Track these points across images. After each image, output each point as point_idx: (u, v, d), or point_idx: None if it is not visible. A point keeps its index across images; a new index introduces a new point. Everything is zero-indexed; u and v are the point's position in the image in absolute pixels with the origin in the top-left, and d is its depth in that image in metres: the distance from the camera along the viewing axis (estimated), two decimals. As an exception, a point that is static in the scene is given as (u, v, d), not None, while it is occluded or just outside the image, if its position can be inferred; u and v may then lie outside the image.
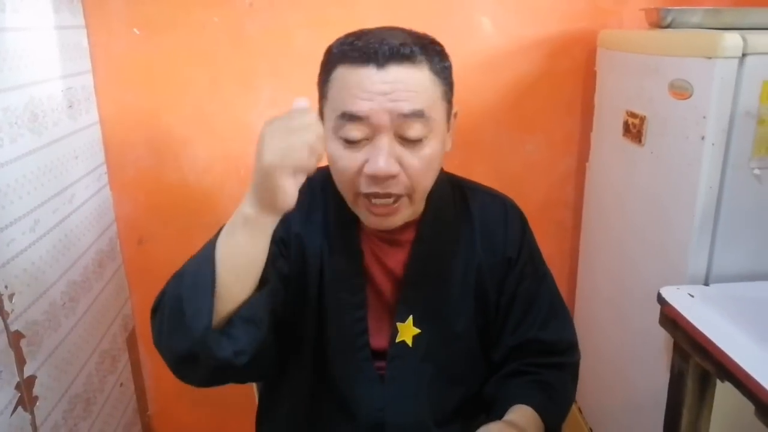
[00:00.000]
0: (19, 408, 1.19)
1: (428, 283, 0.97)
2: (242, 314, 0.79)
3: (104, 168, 1.68)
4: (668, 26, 1.41)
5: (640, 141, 1.41)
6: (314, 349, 0.98)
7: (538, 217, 1.89)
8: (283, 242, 0.95)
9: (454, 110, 0.93)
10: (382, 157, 0.81)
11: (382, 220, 0.89)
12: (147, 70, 1.66)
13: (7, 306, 1.16)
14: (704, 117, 1.19)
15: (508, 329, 1.02)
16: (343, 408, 0.97)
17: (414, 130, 0.82)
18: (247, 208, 0.77)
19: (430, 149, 0.85)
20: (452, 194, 1.02)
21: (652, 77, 1.35)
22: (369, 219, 0.90)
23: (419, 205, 0.95)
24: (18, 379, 1.19)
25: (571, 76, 1.77)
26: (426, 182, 0.89)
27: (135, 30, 1.62)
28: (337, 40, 0.88)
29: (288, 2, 1.65)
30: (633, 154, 1.45)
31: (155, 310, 0.86)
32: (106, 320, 1.63)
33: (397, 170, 0.83)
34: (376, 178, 0.83)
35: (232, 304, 0.78)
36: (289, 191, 0.74)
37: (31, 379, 1.24)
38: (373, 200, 0.86)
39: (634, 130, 1.43)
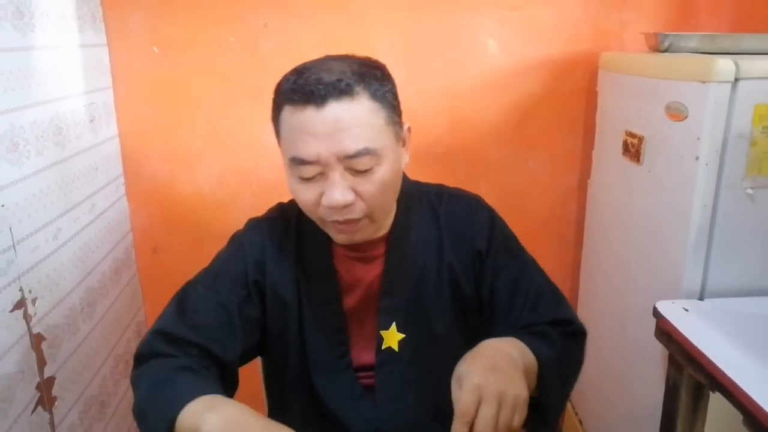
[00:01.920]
0: (39, 407, 1.24)
1: (405, 291, 1.01)
2: None
3: (122, 180, 1.75)
4: (666, 50, 1.46)
5: (638, 160, 1.46)
6: (300, 374, 1.02)
7: (542, 232, 1.96)
8: (257, 285, 0.99)
9: (405, 126, 0.95)
10: (336, 191, 0.85)
11: (350, 236, 0.93)
12: (165, 86, 1.73)
13: (30, 310, 1.22)
14: (698, 138, 1.24)
15: (499, 320, 1.01)
16: (337, 426, 1.00)
17: (362, 164, 0.86)
18: None
19: (381, 174, 0.88)
20: (419, 203, 1.04)
21: (650, 99, 1.40)
22: (338, 236, 0.95)
23: (386, 220, 0.99)
24: (39, 379, 1.25)
25: (573, 96, 1.82)
26: (384, 203, 0.93)
27: (154, 48, 1.70)
28: (284, 76, 0.91)
29: (300, 22, 1.72)
30: (632, 172, 1.50)
31: (135, 367, 0.91)
32: (120, 326, 1.69)
33: (353, 198, 0.87)
34: (333, 209, 0.87)
35: None
36: None
37: (51, 380, 1.29)
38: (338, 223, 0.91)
39: (633, 149, 1.48)
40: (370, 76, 0.87)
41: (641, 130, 1.45)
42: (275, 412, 1.11)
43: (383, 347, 1.01)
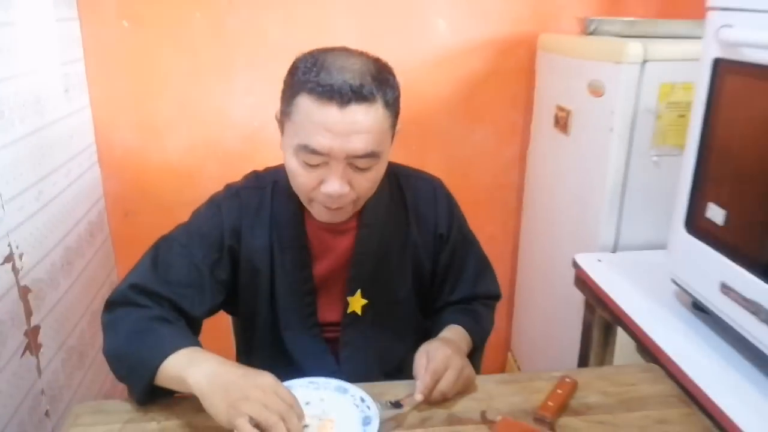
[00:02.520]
0: (27, 352, 1.38)
1: (372, 261, 1.15)
2: None
3: (94, 147, 1.86)
4: (592, 33, 1.64)
5: (566, 132, 1.65)
6: (270, 331, 1.15)
7: (486, 198, 2.15)
8: (230, 249, 1.09)
9: (397, 127, 1.06)
10: (337, 183, 0.97)
11: (333, 216, 1.05)
12: (134, 59, 1.84)
13: (17, 264, 1.34)
14: (612, 112, 1.43)
15: (446, 289, 1.22)
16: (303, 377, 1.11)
17: (364, 164, 0.98)
18: (194, 389, 0.88)
19: (376, 172, 1.01)
20: (388, 183, 1.16)
21: (577, 77, 1.58)
22: (322, 216, 1.06)
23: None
24: (26, 327, 1.38)
25: (515, 74, 2.00)
26: (371, 193, 1.05)
27: (124, 22, 1.80)
28: (301, 60, 0.97)
29: (264, 1, 1.84)
30: (561, 142, 1.69)
31: (107, 312, 1.02)
32: (96, 284, 1.82)
33: (348, 190, 0.99)
34: (330, 196, 0.99)
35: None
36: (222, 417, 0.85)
37: (36, 329, 1.42)
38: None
39: (562, 122, 1.67)
40: (386, 83, 0.96)
41: (569, 104, 1.63)
42: (244, 358, 1.26)
43: (348, 311, 1.15)
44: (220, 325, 1.27)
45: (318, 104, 0.92)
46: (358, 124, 0.92)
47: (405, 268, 1.18)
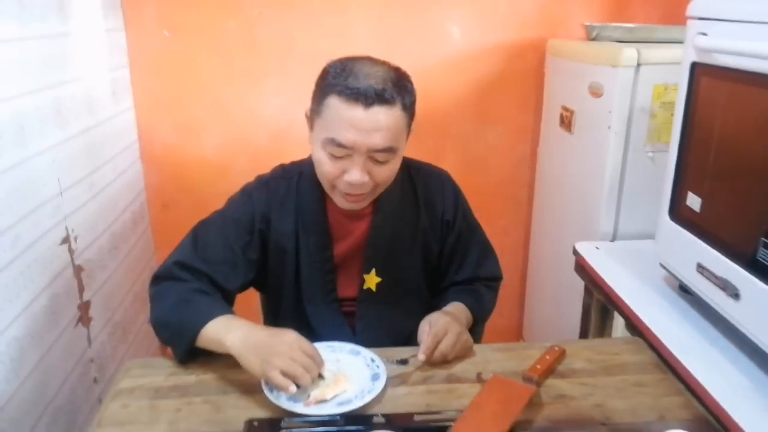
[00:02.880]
0: (79, 324, 1.55)
1: (385, 244, 1.29)
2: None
3: (137, 145, 2.04)
4: (594, 39, 1.76)
5: (570, 130, 1.77)
6: (294, 304, 1.30)
7: (499, 193, 2.27)
8: (260, 232, 1.24)
9: (412, 127, 1.20)
10: (358, 172, 1.11)
11: (353, 204, 1.20)
12: (174, 65, 2.01)
13: (73, 245, 1.52)
14: (610, 112, 1.55)
15: (452, 270, 1.36)
16: None
17: (383, 157, 1.12)
18: (231, 350, 1.04)
19: (393, 165, 1.16)
20: (401, 174, 1.29)
21: (580, 79, 1.71)
22: (342, 203, 1.20)
23: None
24: (79, 301, 1.55)
25: (525, 77, 2.12)
26: (387, 184, 1.20)
27: (165, 32, 1.98)
28: (331, 66, 1.11)
29: (291, 12, 2.00)
30: (566, 140, 1.81)
31: (154, 285, 1.17)
32: (137, 268, 1.99)
33: (368, 180, 1.13)
34: (351, 185, 1.14)
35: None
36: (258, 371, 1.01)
37: (87, 304, 1.60)
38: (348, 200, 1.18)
39: (566, 121, 1.79)
40: (404, 89, 1.10)
41: (572, 105, 1.75)
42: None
43: (364, 287, 1.29)
44: (249, 302, 1.42)
45: (346, 104, 1.06)
46: (379, 123, 1.07)
47: (415, 250, 1.32)
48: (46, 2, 1.43)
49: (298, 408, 0.97)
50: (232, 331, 1.05)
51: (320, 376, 1.03)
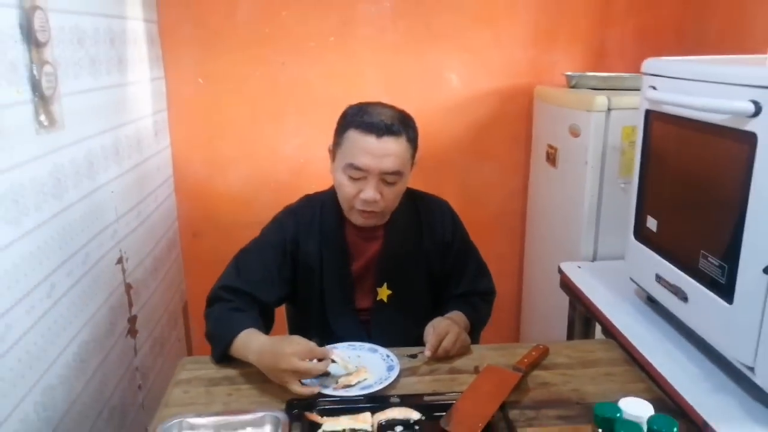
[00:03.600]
0: (129, 335, 1.78)
1: (395, 261, 1.52)
2: None
3: (172, 179, 2.30)
4: (574, 86, 2.03)
5: (555, 165, 2.02)
6: (319, 314, 1.52)
7: (495, 223, 2.52)
8: (291, 253, 1.46)
9: (415, 159, 1.47)
10: (372, 191, 1.36)
11: (367, 221, 1.44)
12: (206, 108, 2.28)
13: (125, 265, 1.76)
14: (587, 149, 1.80)
15: (452, 285, 1.59)
16: None
17: (392, 179, 1.38)
18: (253, 359, 1.25)
19: (399, 187, 1.41)
20: (407, 202, 1.54)
21: (561, 121, 1.97)
22: (359, 220, 1.45)
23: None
24: (128, 315, 1.78)
25: (516, 118, 2.39)
26: (395, 204, 1.45)
27: (199, 80, 2.25)
28: (350, 108, 1.40)
29: (310, 62, 2.27)
30: (551, 174, 2.06)
31: (208, 306, 1.41)
32: (171, 291, 2.23)
33: (379, 198, 1.38)
34: (366, 202, 1.39)
35: None
36: (272, 378, 1.22)
37: (134, 318, 1.83)
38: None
39: (551, 157, 2.05)
40: (409, 126, 1.39)
41: (556, 143, 2.01)
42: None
43: (377, 299, 1.52)
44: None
45: (362, 135, 1.34)
46: (389, 150, 1.34)
47: (420, 267, 1.55)
48: (110, 57, 1.70)
49: (329, 390, 1.20)
50: (250, 346, 1.27)
51: (348, 374, 1.25)
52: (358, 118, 1.35)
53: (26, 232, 1.22)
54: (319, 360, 1.22)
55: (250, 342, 1.28)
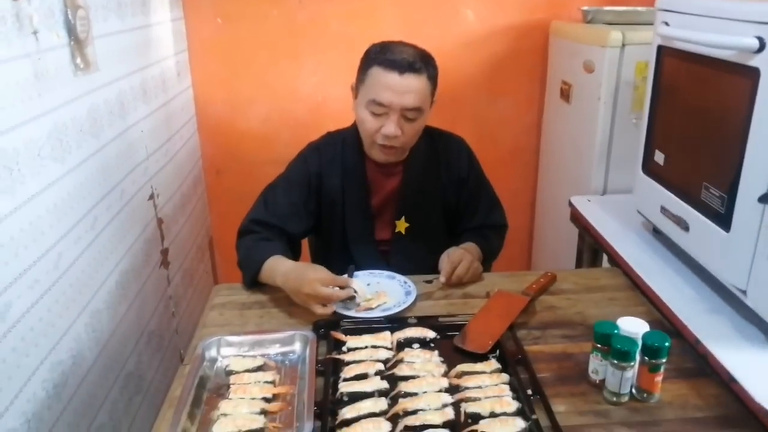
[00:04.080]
0: (162, 266, 1.90)
1: (413, 196, 1.59)
2: None
3: (195, 119, 2.37)
4: (589, 22, 2.04)
5: (568, 101, 2.06)
6: (341, 244, 1.61)
7: (509, 159, 2.57)
8: (315, 187, 1.55)
9: (434, 97, 1.52)
10: (393, 125, 1.42)
11: (388, 157, 1.51)
12: (225, 48, 2.32)
13: (156, 201, 1.86)
14: (600, 85, 1.83)
15: (466, 218, 1.67)
16: None
17: (412, 115, 1.43)
18: (280, 283, 1.34)
19: (419, 124, 1.47)
20: (425, 140, 1.60)
21: (576, 57, 1.99)
22: (379, 156, 1.51)
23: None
24: (161, 247, 1.90)
25: (531, 54, 2.40)
26: (414, 140, 1.51)
27: (218, 19, 2.29)
28: (373, 47, 1.44)
29: (327, 0, 2.29)
30: (565, 110, 2.10)
31: (239, 238, 1.49)
32: (197, 225, 2.34)
33: (400, 133, 1.44)
34: (387, 137, 1.45)
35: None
36: (297, 301, 1.33)
37: (166, 250, 1.94)
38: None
39: (565, 93, 2.08)
40: (429, 64, 1.43)
41: (570, 79, 2.04)
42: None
43: (396, 231, 1.60)
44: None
45: (384, 72, 1.39)
46: (410, 86, 1.39)
47: (436, 202, 1.63)
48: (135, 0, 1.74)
49: (352, 312, 1.31)
50: (277, 270, 1.37)
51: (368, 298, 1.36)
52: (381, 56, 1.40)
53: (70, 169, 1.31)
54: (341, 288, 1.31)
55: (277, 267, 1.37)
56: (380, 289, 1.41)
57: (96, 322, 1.42)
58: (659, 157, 1.47)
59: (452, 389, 1.07)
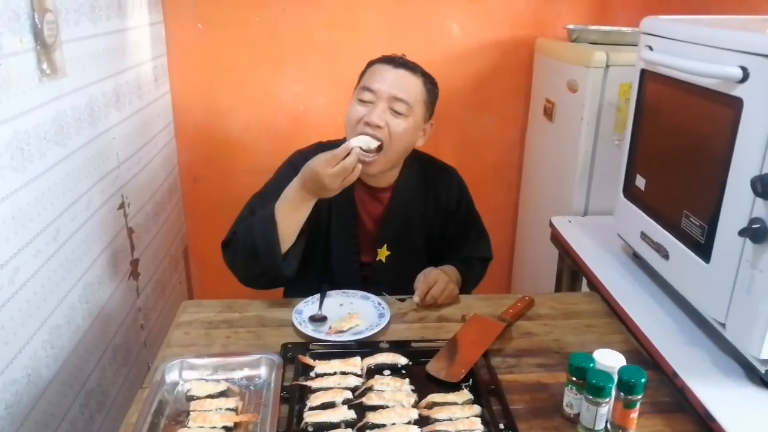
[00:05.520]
0: (131, 278, 1.84)
1: (397, 224, 1.55)
2: (293, 251, 1.38)
3: (172, 125, 2.31)
4: (575, 41, 2.02)
5: (552, 120, 2.04)
6: (323, 260, 1.55)
7: (492, 175, 2.55)
8: None
9: (431, 122, 1.49)
10: (377, 113, 1.37)
11: (366, 169, 1.39)
12: (206, 54, 2.27)
13: (127, 210, 1.80)
14: (583, 105, 1.81)
15: (451, 251, 1.62)
16: None
17: (399, 108, 1.38)
18: (305, 194, 1.31)
19: (405, 124, 1.40)
20: (417, 167, 1.56)
21: (560, 76, 1.97)
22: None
23: (391, 172, 1.50)
24: (131, 258, 1.84)
25: (516, 70, 2.38)
26: (395, 146, 1.41)
27: (199, 25, 2.24)
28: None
29: (310, 7, 2.25)
30: (548, 128, 2.08)
31: (226, 246, 1.41)
32: (172, 233, 2.28)
33: (383, 124, 1.38)
34: (369, 124, 1.38)
35: (288, 245, 1.36)
36: (333, 194, 1.32)
37: (137, 261, 1.89)
38: (360, 157, 1.39)
39: (549, 112, 2.06)
40: (429, 79, 1.45)
41: (554, 98, 2.02)
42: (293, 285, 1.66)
43: (377, 259, 1.55)
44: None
45: (380, 64, 1.42)
46: (402, 79, 1.39)
47: (420, 233, 1.58)
48: (109, 3, 1.69)
49: (322, 336, 1.26)
50: (292, 200, 1.33)
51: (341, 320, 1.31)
52: (379, 57, 1.43)
53: (31, 179, 1.25)
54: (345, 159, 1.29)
55: (285, 199, 1.34)
56: (353, 310, 1.37)
57: (55, 338, 1.36)
58: (640, 181, 1.44)
59: (422, 421, 1.03)
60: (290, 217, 1.35)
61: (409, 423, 1.02)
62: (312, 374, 1.15)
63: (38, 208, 1.28)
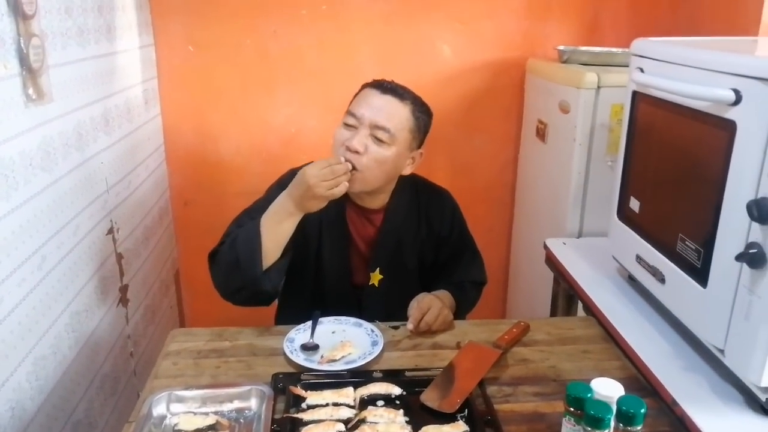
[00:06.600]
0: (120, 304, 1.81)
1: (389, 247, 1.53)
2: (276, 267, 1.35)
3: (163, 148, 2.29)
4: (565, 62, 2.02)
5: (544, 140, 2.03)
6: (314, 283, 1.54)
7: (485, 195, 2.53)
8: None
9: (420, 151, 1.48)
10: (357, 139, 1.35)
11: (349, 184, 1.37)
12: (196, 77, 2.26)
13: (116, 236, 1.77)
14: (576, 126, 1.81)
15: (444, 275, 1.60)
16: None
17: (380, 135, 1.37)
18: (290, 207, 1.31)
19: (386, 153, 1.38)
20: (409, 190, 1.55)
21: (552, 97, 1.97)
22: None
23: (381, 194, 1.48)
24: (120, 284, 1.81)
25: (508, 91, 2.38)
26: (374, 171, 1.38)
27: (190, 47, 2.23)
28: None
29: (301, 30, 2.25)
30: (540, 149, 2.07)
31: (212, 260, 1.39)
32: (162, 258, 2.25)
33: (362, 150, 1.36)
34: (348, 149, 1.36)
35: (271, 260, 1.34)
36: (321, 206, 1.32)
37: (126, 287, 1.85)
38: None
39: (541, 132, 2.05)
40: (420, 104, 1.43)
41: (546, 118, 2.02)
42: (284, 311, 1.64)
43: (369, 283, 1.53)
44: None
45: (369, 89, 1.41)
46: (387, 105, 1.37)
47: (412, 255, 1.57)
48: (98, 26, 1.68)
49: (314, 365, 1.23)
50: (278, 212, 1.32)
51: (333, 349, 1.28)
52: (371, 82, 1.42)
53: (16, 207, 1.23)
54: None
55: (270, 210, 1.33)
56: (346, 338, 1.34)
57: (40, 369, 1.32)
58: (634, 204, 1.43)
59: (416, 454, 1.00)
60: (275, 230, 1.33)
61: (403, 456, 0.99)
62: (304, 405, 1.12)
63: (23, 236, 1.26)
